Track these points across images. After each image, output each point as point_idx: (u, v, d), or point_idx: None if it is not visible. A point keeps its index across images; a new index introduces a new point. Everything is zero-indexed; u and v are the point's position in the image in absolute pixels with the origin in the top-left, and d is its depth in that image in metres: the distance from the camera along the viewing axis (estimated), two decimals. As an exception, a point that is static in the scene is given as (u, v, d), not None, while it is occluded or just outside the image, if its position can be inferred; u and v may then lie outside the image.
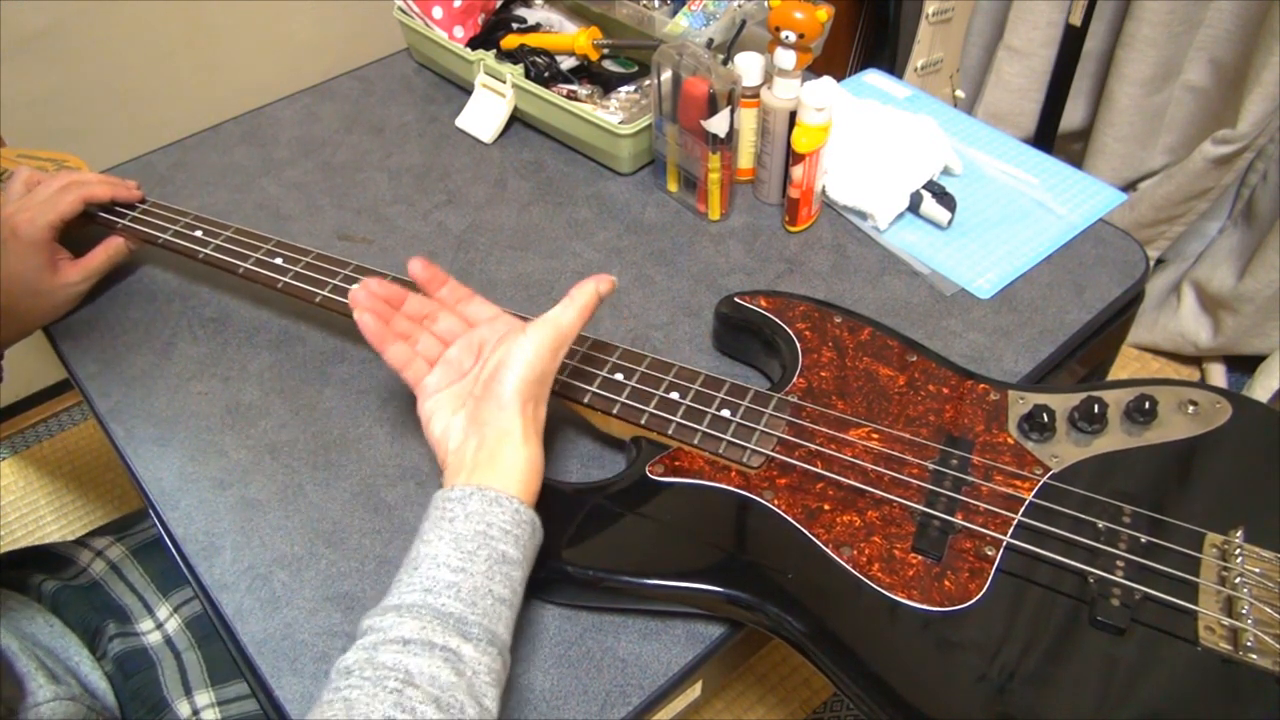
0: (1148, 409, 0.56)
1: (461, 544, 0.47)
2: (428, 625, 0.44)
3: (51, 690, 0.56)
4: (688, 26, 0.86)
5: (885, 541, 0.52)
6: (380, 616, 0.45)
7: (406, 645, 0.43)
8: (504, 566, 0.47)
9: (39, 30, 1.18)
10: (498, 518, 0.48)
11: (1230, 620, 0.47)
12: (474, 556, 0.47)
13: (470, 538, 0.47)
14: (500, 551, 0.48)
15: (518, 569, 0.48)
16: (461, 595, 0.46)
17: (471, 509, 0.49)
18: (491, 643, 0.45)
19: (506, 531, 0.48)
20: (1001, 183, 0.83)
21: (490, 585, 0.47)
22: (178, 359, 0.73)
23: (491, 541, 0.48)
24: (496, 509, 0.49)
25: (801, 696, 1.19)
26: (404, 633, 0.44)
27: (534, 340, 0.53)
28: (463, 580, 0.46)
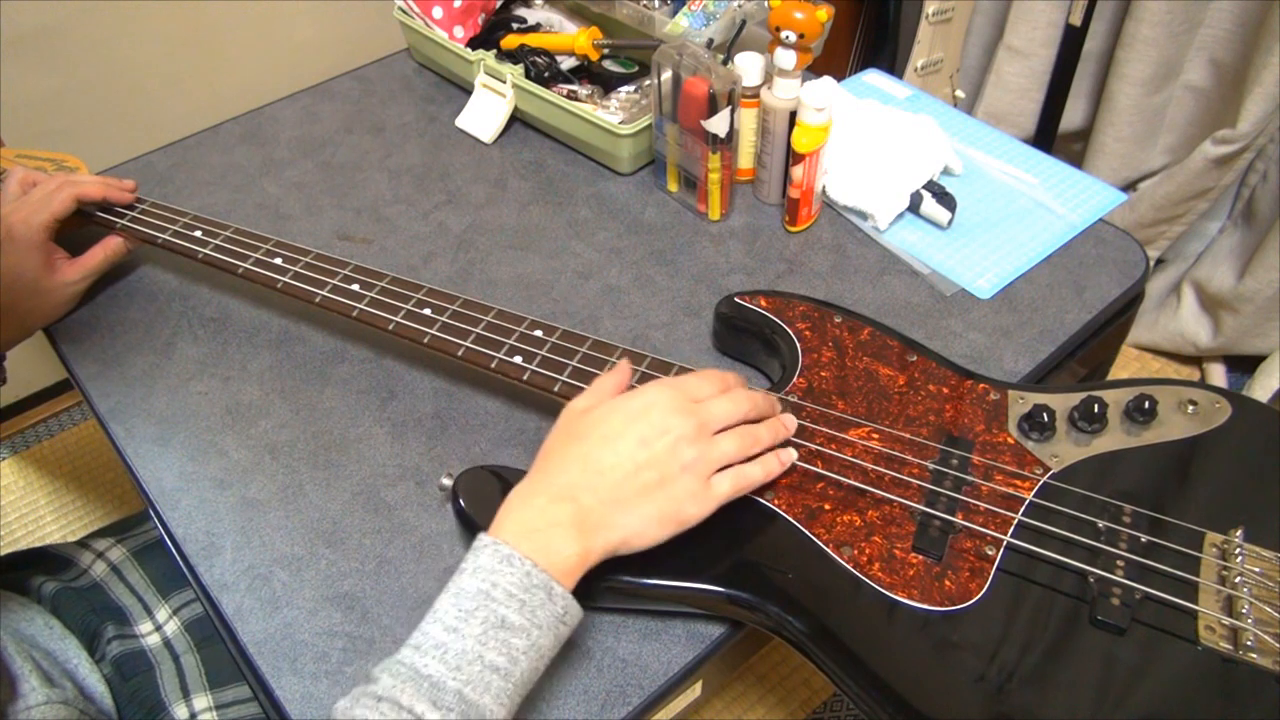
0: (1148, 409, 0.56)
1: (461, 601, 0.45)
2: (401, 684, 0.43)
3: (44, 693, 0.56)
4: (688, 26, 0.86)
5: (885, 541, 0.52)
6: (381, 664, 0.44)
7: (379, 702, 0.42)
8: (502, 632, 0.44)
9: (39, 30, 1.18)
10: (504, 579, 0.45)
11: (1230, 620, 0.47)
12: (470, 618, 0.44)
13: (471, 595, 0.45)
14: (500, 616, 0.44)
15: (520, 636, 0.44)
16: (447, 658, 0.43)
17: (481, 563, 0.46)
18: (464, 714, 0.42)
19: (511, 595, 0.45)
20: (1001, 183, 0.83)
21: (482, 651, 0.44)
22: (178, 359, 0.73)
23: (492, 604, 0.44)
24: (506, 569, 0.45)
25: (801, 696, 1.19)
26: (380, 688, 0.43)
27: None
28: (452, 641, 0.44)
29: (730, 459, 0.52)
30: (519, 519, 0.48)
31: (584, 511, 0.48)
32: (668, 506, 0.50)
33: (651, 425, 0.51)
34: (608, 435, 0.51)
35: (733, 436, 0.53)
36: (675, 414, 0.51)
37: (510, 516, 0.49)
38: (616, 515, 0.49)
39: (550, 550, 0.47)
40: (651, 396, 0.52)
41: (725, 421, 0.53)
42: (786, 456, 0.55)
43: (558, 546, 0.47)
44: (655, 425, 0.51)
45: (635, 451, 0.50)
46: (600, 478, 0.49)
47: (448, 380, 0.70)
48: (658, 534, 0.50)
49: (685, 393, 0.53)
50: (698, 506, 0.50)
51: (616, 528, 0.49)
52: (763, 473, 0.53)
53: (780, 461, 0.54)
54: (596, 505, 0.49)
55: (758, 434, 0.54)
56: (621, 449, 0.50)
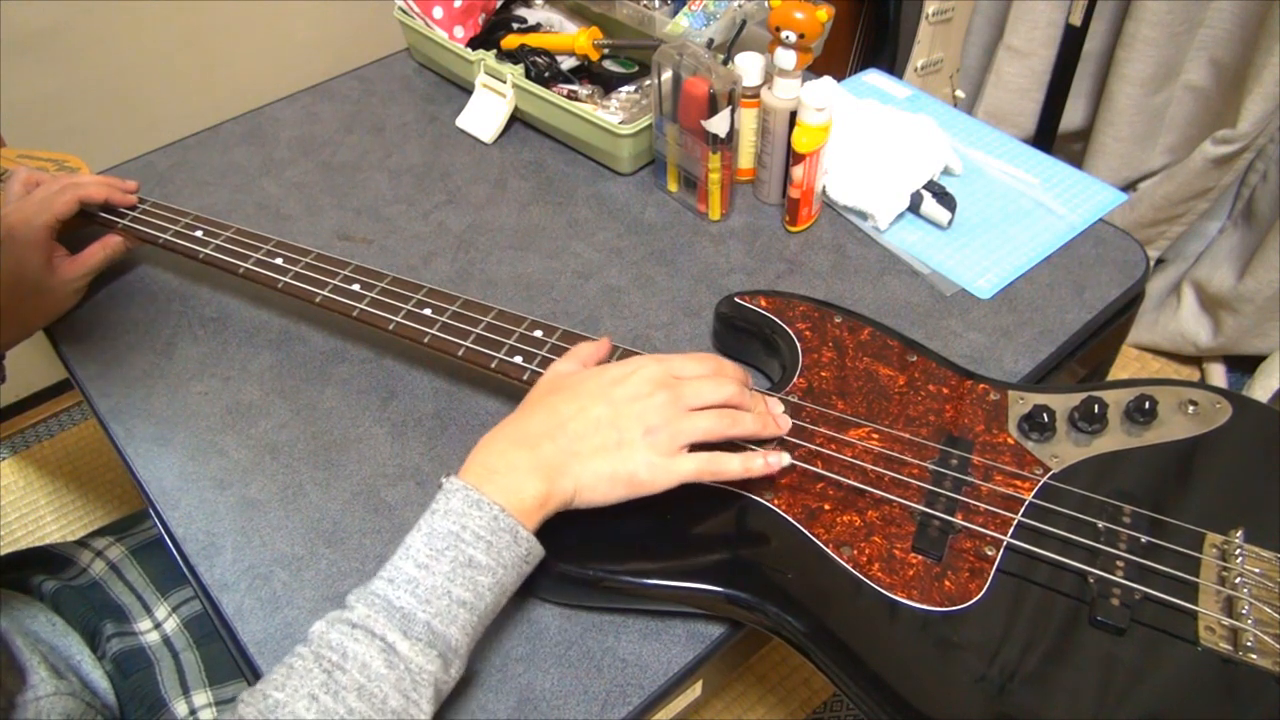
0: (1148, 409, 0.56)
1: (433, 540, 0.48)
2: (374, 614, 0.45)
3: (53, 685, 0.56)
4: (688, 26, 0.86)
5: (885, 541, 0.52)
6: (354, 593, 0.47)
7: (353, 629, 0.45)
8: (469, 570, 0.47)
9: (39, 30, 1.18)
10: (473, 521, 0.48)
11: (1230, 620, 0.47)
12: (441, 555, 0.47)
13: (442, 535, 0.48)
14: (468, 556, 0.47)
15: (486, 575, 0.48)
16: (418, 591, 0.46)
17: (452, 506, 0.49)
18: (432, 644, 0.45)
19: (479, 537, 0.48)
20: (1001, 183, 0.83)
21: (450, 587, 0.47)
22: (178, 359, 0.73)
23: (461, 544, 0.47)
24: (475, 512, 0.48)
25: (801, 696, 1.19)
26: (354, 616, 0.45)
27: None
28: (423, 577, 0.46)
29: (703, 436, 0.52)
30: (481, 460, 0.51)
31: (542, 457, 0.51)
32: (621, 467, 0.51)
33: (625, 390, 0.53)
34: (579, 394, 0.53)
35: (709, 415, 0.53)
36: (651, 383, 0.53)
37: (475, 458, 0.51)
38: (572, 464, 0.51)
39: (513, 490, 0.49)
40: (634, 365, 0.54)
41: (703, 401, 0.53)
42: (775, 459, 0.54)
43: (520, 486, 0.49)
44: (628, 390, 0.52)
45: (600, 410, 0.52)
46: (561, 428, 0.52)
47: (448, 380, 0.70)
48: (608, 492, 0.51)
49: (671, 369, 0.54)
50: (652, 474, 0.51)
51: (570, 476, 0.51)
52: (741, 466, 0.53)
53: (766, 462, 0.54)
54: (555, 453, 0.51)
55: (738, 417, 0.54)
56: (589, 406, 0.52)
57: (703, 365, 0.56)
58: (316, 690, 0.43)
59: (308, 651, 0.45)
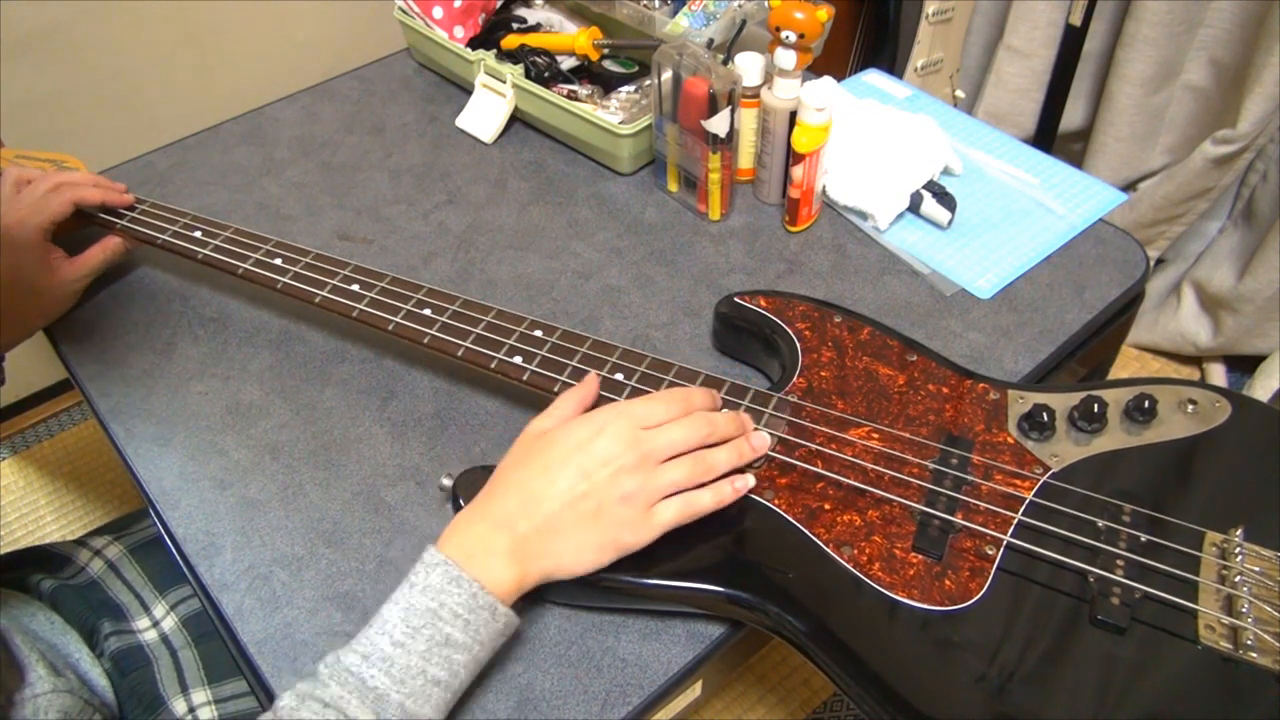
0: (1147, 408, 0.56)
1: (410, 618, 0.47)
2: (347, 695, 0.45)
3: (51, 682, 0.56)
4: (688, 26, 0.86)
5: (886, 541, 0.52)
6: (326, 665, 0.47)
7: (325, 708, 0.45)
8: (446, 649, 0.47)
9: (39, 30, 1.18)
10: (452, 598, 0.48)
11: (1230, 619, 0.47)
12: (417, 634, 0.47)
13: (420, 613, 0.47)
14: (445, 634, 0.47)
15: (462, 653, 0.47)
16: (392, 671, 0.46)
17: (431, 582, 0.48)
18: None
19: (457, 615, 0.47)
20: (1001, 183, 0.83)
21: (425, 666, 0.46)
22: (178, 359, 0.73)
23: (439, 623, 0.47)
24: (454, 589, 0.48)
25: (801, 696, 1.19)
26: (327, 695, 0.45)
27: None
28: (398, 655, 0.46)
29: (678, 487, 0.52)
30: (459, 543, 0.50)
31: (520, 539, 0.50)
32: (604, 536, 0.51)
33: (593, 456, 0.52)
34: (549, 464, 0.52)
35: (682, 465, 0.52)
36: (620, 443, 0.52)
37: (453, 539, 0.51)
38: (551, 543, 0.50)
39: (487, 575, 0.49)
40: (600, 423, 0.53)
41: (674, 449, 0.53)
42: (742, 484, 0.54)
43: (494, 573, 0.49)
44: (597, 456, 0.52)
45: (574, 482, 0.51)
46: (537, 506, 0.51)
47: (448, 380, 0.70)
48: (595, 560, 0.51)
49: (637, 420, 0.53)
50: (635, 535, 0.51)
51: (550, 555, 0.51)
52: (713, 500, 0.53)
53: (734, 489, 0.53)
54: (532, 534, 0.50)
55: (711, 461, 0.53)
56: (559, 479, 0.51)
57: (670, 406, 0.55)
58: None
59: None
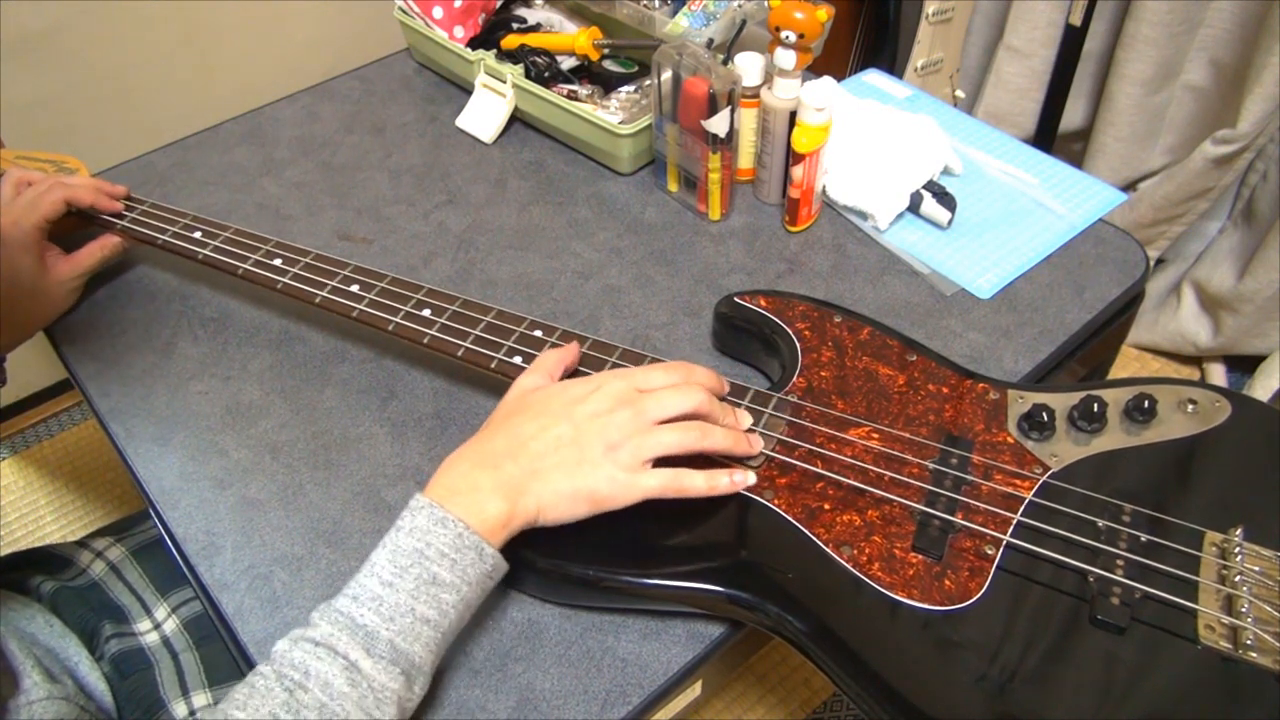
0: (1147, 408, 0.56)
1: (397, 558, 0.48)
2: (337, 632, 0.46)
3: (46, 689, 0.56)
4: (688, 26, 0.86)
5: (885, 541, 0.52)
6: (318, 610, 0.47)
7: (316, 647, 0.45)
8: (433, 588, 0.47)
9: (39, 30, 1.18)
10: (438, 539, 0.48)
11: (1230, 618, 0.47)
12: (405, 573, 0.47)
13: (407, 553, 0.48)
14: (432, 573, 0.47)
15: (450, 592, 0.48)
16: (382, 610, 0.46)
17: (418, 523, 0.48)
18: (395, 662, 0.45)
19: (444, 554, 0.48)
20: (1001, 183, 0.83)
21: (414, 604, 0.47)
22: (178, 359, 0.73)
23: (425, 562, 0.47)
24: (440, 530, 0.48)
25: (801, 696, 1.19)
26: (317, 634, 0.46)
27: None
28: (387, 594, 0.47)
29: (667, 450, 0.52)
30: (445, 481, 0.51)
31: (504, 477, 0.51)
32: (582, 484, 0.51)
33: (586, 408, 0.52)
34: (542, 412, 0.53)
35: (675, 429, 0.52)
36: (613, 399, 0.53)
37: (438, 480, 0.51)
38: (533, 483, 0.51)
39: (475, 510, 0.49)
40: (597, 381, 0.54)
41: (667, 413, 0.53)
42: (741, 478, 0.54)
43: (482, 506, 0.49)
44: (590, 408, 0.52)
45: (561, 428, 0.52)
46: (522, 447, 0.51)
47: (448, 380, 0.70)
48: (571, 509, 0.51)
49: (634, 382, 0.54)
50: (613, 490, 0.51)
51: (532, 494, 0.51)
52: (706, 484, 0.53)
53: (731, 480, 0.53)
54: (516, 472, 0.51)
55: (707, 430, 0.53)
56: (550, 424, 0.52)
57: (670, 375, 0.55)
58: (278, 710, 0.43)
59: (270, 670, 0.45)
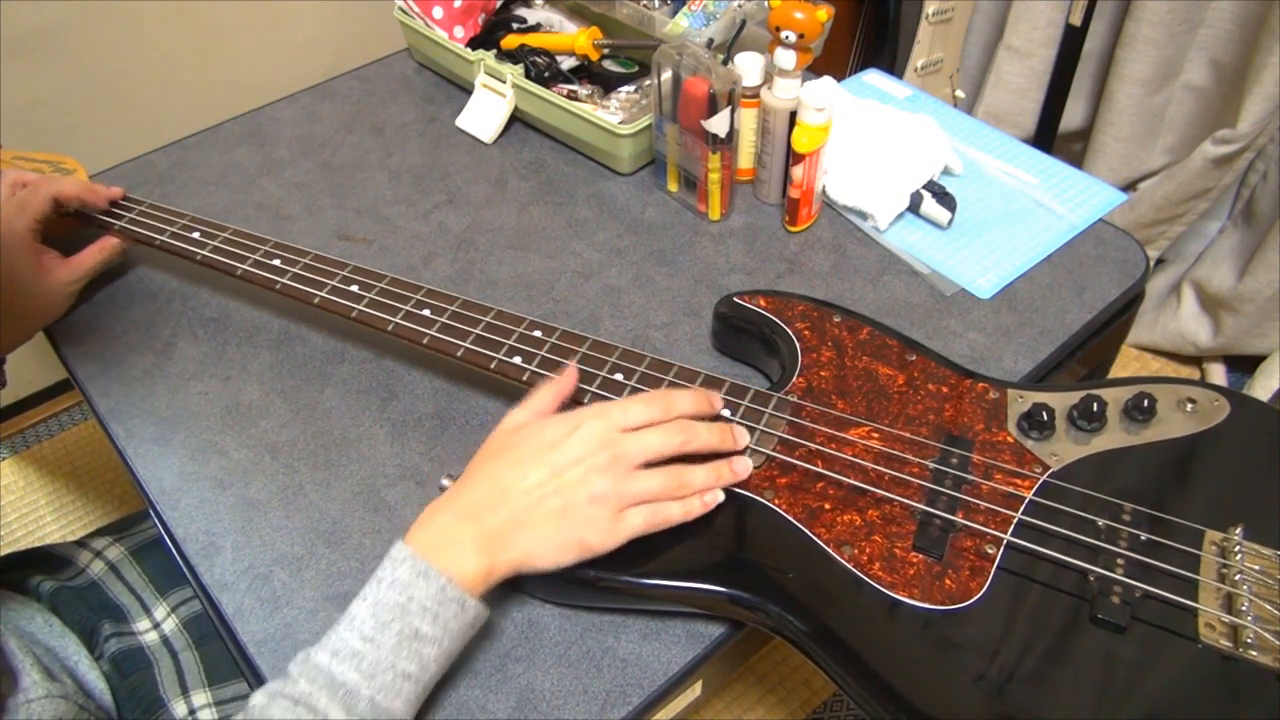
0: (1146, 407, 0.56)
1: (379, 612, 0.47)
2: (317, 690, 0.45)
3: (45, 688, 0.56)
4: (688, 26, 0.86)
5: (886, 540, 0.52)
6: (296, 663, 0.47)
7: (295, 705, 0.45)
8: (415, 643, 0.47)
9: (39, 30, 1.18)
10: (420, 592, 0.47)
11: (1230, 617, 0.47)
12: (386, 628, 0.46)
13: (389, 608, 0.47)
14: (414, 628, 0.47)
15: (432, 646, 0.47)
16: (363, 667, 0.46)
17: (399, 576, 0.48)
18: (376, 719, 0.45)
19: (425, 609, 0.47)
20: (1001, 183, 0.83)
21: (395, 660, 0.46)
22: (178, 359, 0.73)
23: (408, 616, 0.47)
24: (422, 583, 0.48)
25: (801, 696, 1.19)
26: (297, 691, 0.45)
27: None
28: (368, 651, 0.46)
29: (650, 497, 0.52)
30: (425, 535, 0.50)
31: (486, 531, 0.50)
32: (569, 534, 0.50)
33: (566, 454, 0.51)
34: (521, 459, 0.52)
35: (655, 476, 0.52)
36: (593, 443, 0.52)
37: (420, 532, 0.51)
38: (517, 535, 0.50)
39: (455, 565, 0.49)
40: (576, 421, 0.53)
41: (649, 455, 0.53)
42: (712, 499, 0.54)
43: (462, 562, 0.49)
44: (570, 454, 0.51)
45: (544, 477, 0.51)
46: (504, 498, 0.51)
47: (448, 380, 0.70)
48: (558, 558, 0.51)
49: (615, 421, 0.53)
50: (601, 537, 0.51)
51: (516, 546, 0.50)
52: (682, 512, 0.53)
53: (703, 503, 0.53)
54: (499, 525, 0.50)
55: (687, 478, 0.53)
56: (530, 473, 0.51)
57: (649, 409, 0.54)
58: None
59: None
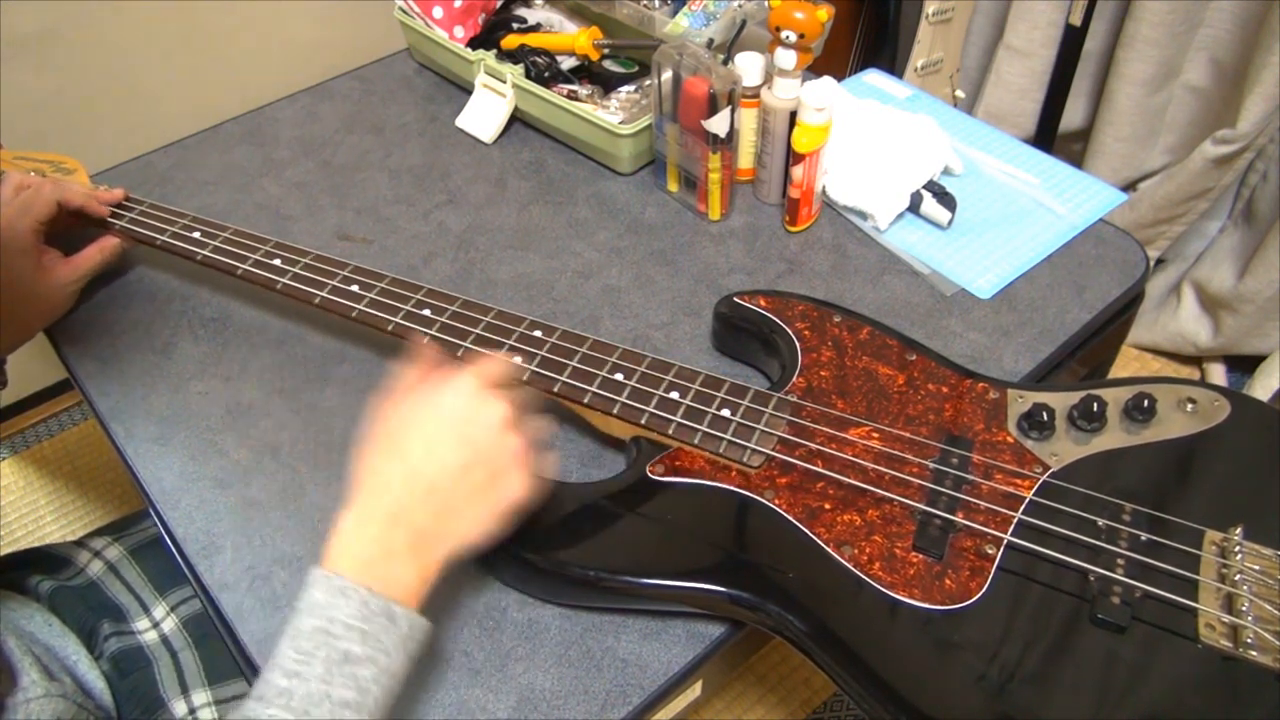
0: (1147, 407, 0.56)
1: (299, 642, 0.44)
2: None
3: (43, 687, 0.56)
4: (688, 26, 0.86)
5: (886, 540, 0.52)
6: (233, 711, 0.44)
7: None
8: (346, 667, 0.43)
9: (39, 30, 1.18)
10: (340, 611, 0.44)
11: (1230, 617, 0.47)
12: (311, 658, 0.43)
13: (309, 635, 0.44)
14: (342, 651, 0.43)
15: (366, 667, 0.44)
16: (292, 705, 0.42)
17: (315, 599, 0.45)
18: None
19: (350, 627, 0.44)
20: (1001, 183, 0.83)
21: (328, 689, 0.42)
22: (178, 359, 0.73)
23: (332, 640, 0.43)
24: (341, 601, 0.44)
25: (801, 696, 1.18)
26: None
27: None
28: (295, 686, 0.42)
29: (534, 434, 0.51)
30: (355, 552, 0.47)
31: (419, 533, 0.47)
32: (498, 501, 0.49)
33: (469, 419, 0.49)
34: (427, 442, 0.49)
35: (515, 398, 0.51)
36: (487, 399, 0.50)
37: (346, 550, 0.47)
38: (450, 524, 0.48)
39: (389, 580, 0.46)
40: (455, 384, 0.51)
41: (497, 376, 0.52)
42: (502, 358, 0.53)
43: (397, 575, 0.46)
44: (473, 418, 0.49)
45: (459, 453, 0.49)
46: (431, 493, 0.48)
47: (448, 380, 0.70)
48: (491, 530, 0.50)
49: (482, 375, 0.51)
50: (522, 489, 0.50)
51: (452, 536, 0.48)
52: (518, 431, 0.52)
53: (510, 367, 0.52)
54: (430, 522, 0.48)
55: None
56: (445, 455, 0.49)
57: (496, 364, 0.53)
58: None
59: None
